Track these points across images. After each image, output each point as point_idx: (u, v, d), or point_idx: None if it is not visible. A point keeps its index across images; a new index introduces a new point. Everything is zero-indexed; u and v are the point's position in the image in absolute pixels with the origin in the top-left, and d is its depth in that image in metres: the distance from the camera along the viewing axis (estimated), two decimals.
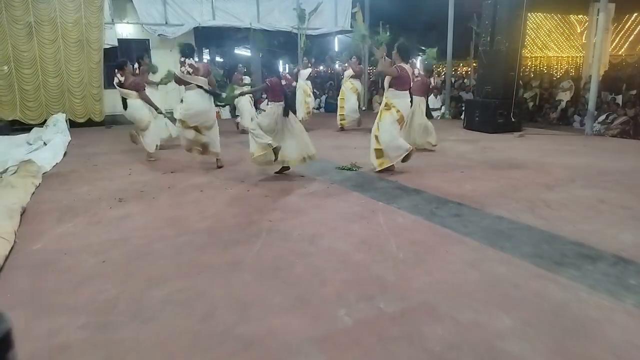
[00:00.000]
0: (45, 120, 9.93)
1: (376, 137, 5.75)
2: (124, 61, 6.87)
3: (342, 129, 9.90)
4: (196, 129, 6.01)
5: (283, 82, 5.56)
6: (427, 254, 3.26)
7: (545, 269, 2.98)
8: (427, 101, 7.75)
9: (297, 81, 10.40)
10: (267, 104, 5.73)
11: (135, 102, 6.73)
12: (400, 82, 5.57)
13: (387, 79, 5.68)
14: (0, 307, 2.60)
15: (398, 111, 5.62)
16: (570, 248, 3.33)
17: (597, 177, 5.42)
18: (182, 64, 5.91)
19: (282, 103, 5.40)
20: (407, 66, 5.61)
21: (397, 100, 5.63)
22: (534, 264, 3.05)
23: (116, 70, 6.79)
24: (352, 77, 9.84)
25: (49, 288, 2.89)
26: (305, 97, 10.34)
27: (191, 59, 5.94)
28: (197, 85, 5.91)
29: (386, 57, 5.68)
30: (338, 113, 9.94)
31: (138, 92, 6.71)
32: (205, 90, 5.95)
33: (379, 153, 5.79)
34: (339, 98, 10.03)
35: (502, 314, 2.44)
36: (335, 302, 2.62)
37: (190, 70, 5.89)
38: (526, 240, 3.48)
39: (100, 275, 3.04)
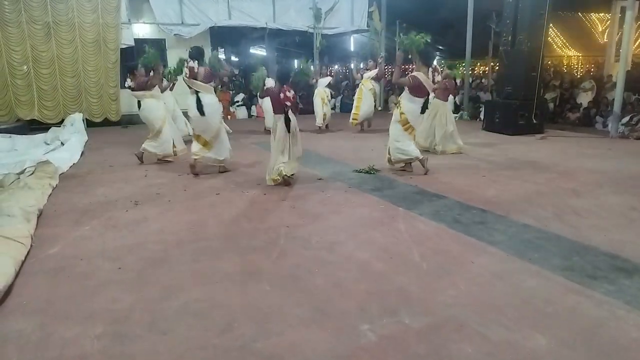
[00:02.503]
0: (63, 120, 10.00)
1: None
2: (135, 65, 6.76)
3: (360, 127, 10.00)
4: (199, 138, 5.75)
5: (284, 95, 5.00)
6: (451, 265, 3.13)
7: (578, 283, 2.83)
8: (454, 103, 7.57)
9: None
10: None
11: (148, 103, 6.57)
12: (414, 89, 5.50)
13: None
14: (16, 315, 2.54)
15: (402, 113, 5.58)
16: (603, 260, 3.17)
17: (627, 183, 5.21)
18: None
19: (282, 116, 5.09)
20: (426, 71, 5.51)
21: (405, 102, 5.59)
22: (565, 278, 2.90)
23: (127, 74, 6.76)
24: (372, 78, 9.72)
25: (64, 295, 2.83)
26: (322, 104, 10.17)
27: (195, 61, 5.57)
28: (195, 90, 5.60)
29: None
30: (352, 112, 9.86)
31: (149, 91, 6.52)
32: (198, 99, 5.54)
33: (389, 150, 5.86)
34: (356, 97, 9.87)
35: (536, 333, 2.31)
36: (358, 316, 2.51)
37: (187, 73, 5.59)
38: (556, 250, 3.33)
39: (116, 283, 2.98)
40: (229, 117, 13.08)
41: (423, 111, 5.70)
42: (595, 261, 3.15)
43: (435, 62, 5.97)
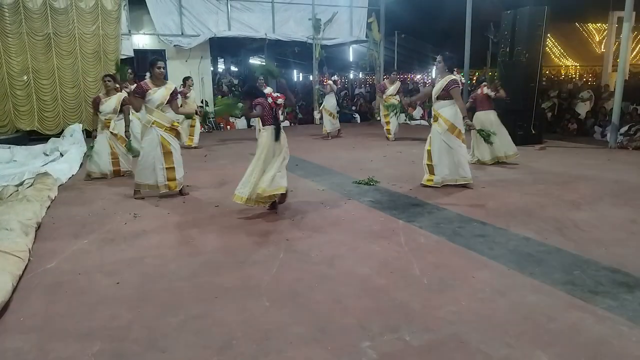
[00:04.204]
0: (62, 131, 10.01)
1: (428, 151, 5.61)
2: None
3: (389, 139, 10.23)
4: None
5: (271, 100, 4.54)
6: (452, 279, 3.11)
7: (580, 298, 2.81)
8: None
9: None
10: (260, 130, 4.83)
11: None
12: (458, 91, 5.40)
13: (435, 93, 5.54)
14: (13, 332, 2.51)
15: (447, 120, 5.41)
16: (604, 274, 3.15)
17: (626, 195, 5.21)
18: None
19: (272, 126, 4.54)
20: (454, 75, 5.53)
21: (443, 109, 5.46)
22: (567, 293, 2.88)
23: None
24: (395, 94, 10.04)
25: (62, 311, 2.81)
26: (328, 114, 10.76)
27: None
28: None
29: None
30: (385, 127, 10.29)
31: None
32: None
33: (430, 169, 5.62)
34: (382, 114, 10.43)
35: (538, 350, 2.28)
36: (358, 333, 2.48)
37: None
38: (557, 265, 3.31)
39: (114, 298, 2.95)
40: (228, 127, 13.10)
41: None
42: (596, 276, 3.13)
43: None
